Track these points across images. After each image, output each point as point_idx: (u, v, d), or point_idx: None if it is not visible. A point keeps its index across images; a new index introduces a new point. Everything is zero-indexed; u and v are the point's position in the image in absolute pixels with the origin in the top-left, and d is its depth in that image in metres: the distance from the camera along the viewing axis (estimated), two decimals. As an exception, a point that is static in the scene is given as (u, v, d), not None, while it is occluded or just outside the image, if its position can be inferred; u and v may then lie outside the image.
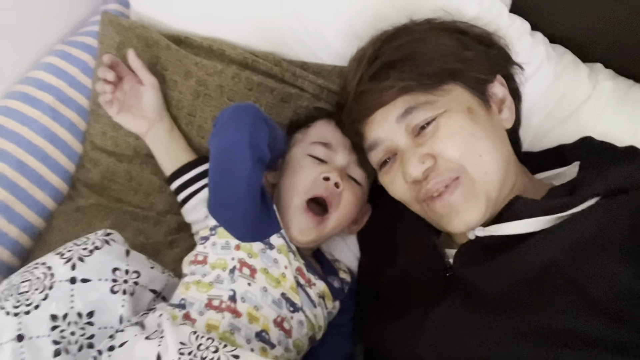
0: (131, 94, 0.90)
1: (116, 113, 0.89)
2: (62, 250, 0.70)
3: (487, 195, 0.65)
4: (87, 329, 0.67)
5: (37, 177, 0.91)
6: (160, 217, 0.94)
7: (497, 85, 0.73)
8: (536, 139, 0.85)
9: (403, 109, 0.69)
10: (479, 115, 0.69)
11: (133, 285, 0.71)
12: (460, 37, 0.74)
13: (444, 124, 0.66)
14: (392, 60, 0.70)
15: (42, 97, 0.94)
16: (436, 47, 0.71)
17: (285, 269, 0.73)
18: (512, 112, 0.73)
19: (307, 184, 0.77)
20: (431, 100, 0.68)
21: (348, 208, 0.78)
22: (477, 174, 0.65)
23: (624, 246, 0.53)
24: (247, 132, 0.68)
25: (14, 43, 0.98)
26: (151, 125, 0.90)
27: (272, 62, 0.95)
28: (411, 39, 0.72)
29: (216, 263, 0.72)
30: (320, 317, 0.76)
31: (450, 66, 0.70)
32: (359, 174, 0.80)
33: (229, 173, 0.71)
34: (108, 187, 0.96)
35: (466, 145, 0.66)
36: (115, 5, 1.11)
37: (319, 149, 0.80)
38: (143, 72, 0.90)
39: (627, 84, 0.86)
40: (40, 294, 0.66)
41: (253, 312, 0.69)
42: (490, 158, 0.66)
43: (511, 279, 0.59)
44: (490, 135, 0.67)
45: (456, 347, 0.62)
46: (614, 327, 0.52)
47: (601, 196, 0.59)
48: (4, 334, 0.63)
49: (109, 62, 0.87)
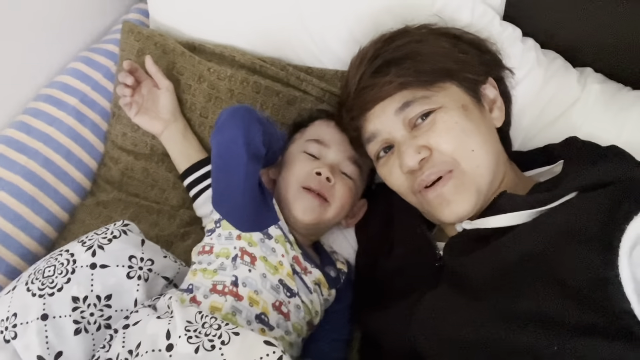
0: (148, 97, 0.96)
1: (134, 115, 0.95)
2: (84, 239, 0.75)
3: (477, 188, 0.69)
4: (105, 311, 0.72)
5: (62, 173, 0.97)
6: (174, 211, 0.99)
7: (489, 87, 0.76)
8: (526, 139, 0.88)
9: (401, 103, 0.72)
10: (473, 113, 0.72)
11: (147, 272, 0.75)
12: (455, 41, 0.77)
13: (441, 119, 0.70)
14: (393, 58, 0.74)
15: (67, 100, 1.00)
16: (434, 48, 0.75)
17: (282, 257, 0.77)
18: (502, 112, 0.77)
19: (300, 178, 0.81)
20: (428, 95, 0.71)
21: (343, 199, 0.82)
22: (469, 167, 0.68)
23: (595, 236, 0.56)
24: (241, 130, 0.73)
25: (43, 50, 1.04)
26: (166, 126, 0.96)
27: (278, 67, 1.00)
28: (410, 40, 0.75)
29: (220, 252, 0.77)
30: (316, 303, 0.79)
31: (446, 66, 0.73)
32: (351, 169, 0.84)
33: (227, 168, 0.75)
34: (127, 183, 1.02)
35: (460, 140, 0.69)
36: (136, 14, 1.18)
37: (312, 146, 0.85)
38: (159, 76, 0.96)
39: (616, 87, 0.88)
40: (63, 277, 0.71)
41: (253, 296, 0.73)
42: (481, 152, 0.69)
43: (493, 268, 0.63)
44: (482, 132, 0.71)
45: (444, 330, 0.65)
46: (584, 311, 0.54)
47: (579, 191, 0.62)
48: (30, 313, 0.68)
49: (129, 68, 0.93)
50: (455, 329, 0.64)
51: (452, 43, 0.77)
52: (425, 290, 0.70)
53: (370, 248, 0.87)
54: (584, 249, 0.56)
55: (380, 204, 0.89)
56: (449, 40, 0.77)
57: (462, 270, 0.67)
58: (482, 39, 0.82)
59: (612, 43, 0.88)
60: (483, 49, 0.80)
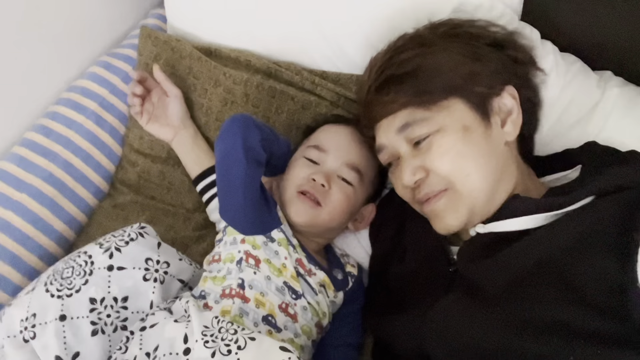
0: (159, 105, 0.98)
1: (146, 123, 0.97)
2: (102, 241, 0.77)
3: (469, 208, 0.69)
4: (121, 312, 0.73)
5: (81, 176, 0.98)
6: (190, 214, 1.00)
7: (506, 97, 0.72)
8: (543, 144, 0.86)
9: (401, 124, 0.72)
10: (475, 134, 0.70)
11: (163, 275, 0.76)
12: (473, 44, 0.74)
13: (436, 143, 0.69)
14: (396, 74, 0.73)
15: (87, 104, 1.01)
16: (441, 61, 0.72)
17: (285, 260, 0.78)
18: (515, 126, 0.72)
19: (296, 182, 0.83)
20: (427, 117, 0.70)
21: (338, 204, 0.82)
22: (463, 189, 0.69)
23: (613, 242, 0.55)
24: (239, 136, 0.74)
25: (63, 55, 1.05)
26: (176, 133, 0.97)
27: (293, 71, 1.00)
28: (418, 53, 0.73)
29: (226, 258, 0.78)
30: (323, 304, 0.80)
31: (451, 82, 0.71)
32: (350, 175, 0.84)
33: (228, 174, 0.76)
34: (144, 186, 1.03)
35: (455, 165, 0.68)
36: (154, 20, 1.19)
37: (312, 152, 0.86)
38: (167, 84, 0.98)
39: (636, 91, 0.86)
40: (81, 279, 0.72)
41: (260, 298, 0.74)
42: (477, 177, 0.68)
43: (507, 274, 0.62)
44: (482, 154, 0.69)
45: (457, 338, 0.65)
46: (601, 319, 0.53)
47: (596, 195, 0.61)
48: (48, 313, 0.70)
49: (138, 78, 0.96)
50: (468, 337, 0.63)
51: (467, 48, 0.73)
52: (438, 296, 0.70)
53: (384, 252, 0.87)
54: (600, 255, 0.55)
55: (394, 208, 0.89)
56: (464, 45, 0.73)
57: (476, 276, 0.66)
58: (511, 33, 0.77)
59: (632, 46, 0.86)
60: (509, 47, 0.76)
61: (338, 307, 0.85)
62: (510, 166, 0.72)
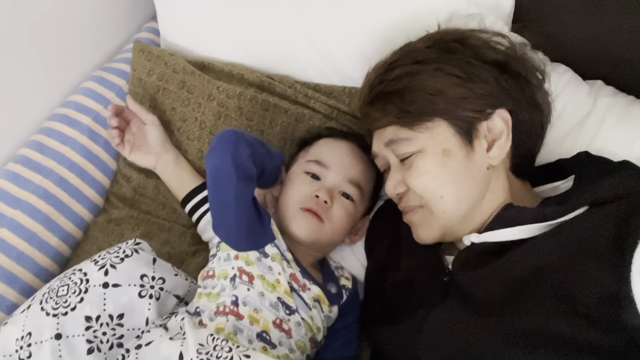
0: (139, 134, 0.99)
1: (129, 153, 0.98)
2: (97, 258, 0.77)
3: (442, 226, 0.72)
4: (117, 330, 0.72)
5: (76, 191, 0.98)
6: (185, 229, 1.00)
7: (497, 120, 0.70)
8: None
9: (387, 139, 0.75)
10: (454, 158, 0.70)
11: (159, 291, 0.76)
12: (471, 62, 0.71)
13: (415, 164, 0.71)
14: (383, 92, 0.75)
15: (81, 119, 1.01)
16: (429, 84, 0.71)
17: (279, 275, 0.77)
18: (502, 150, 0.71)
19: (299, 199, 0.83)
20: (410, 137, 0.72)
21: (339, 221, 0.83)
22: (436, 211, 0.71)
23: (607, 253, 0.55)
24: (229, 151, 0.73)
25: (56, 70, 1.06)
26: (158, 159, 0.98)
27: (286, 84, 1.01)
28: (408, 72, 0.73)
29: (220, 274, 0.78)
30: (317, 319, 0.79)
31: (437, 106, 0.70)
32: (351, 190, 0.85)
33: (219, 191, 0.76)
34: (138, 200, 1.03)
35: (429, 187, 0.71)
36: (147, 33, 1.20)
37: (313, 167, 0.86)
38: (142, 113, 0.99)
39: (628, 100, 0.87)
40: (76, 297, 0.72)
41: (253, 315, 0.74)
42: (451, 200, 0.70)
43: (502, 283, 0.62)
44: (458, 179, 0.70)
45: (451, 347, 0.65)
46: (595, 330, 0.54)
47: (590, 205, 0.62)
48: (44, 332, 0.70)
49: (114, 110, 0.97)
50: (463, 346, 0.63)
51: (462, 67, 0.70)
52: (433, 305, 0.70)
53: (380, 264, 0.87)
54: (594, 265, 0.56)
55: (388, 219, 0.89)
56: (460, 63, 0.71)
57: (471, 286, 0.67)
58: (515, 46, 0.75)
59: (622, 56, 0.87)
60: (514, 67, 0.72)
61: (333, 321, 0.84)
62: (497, 183, 0.72)
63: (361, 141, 0.91)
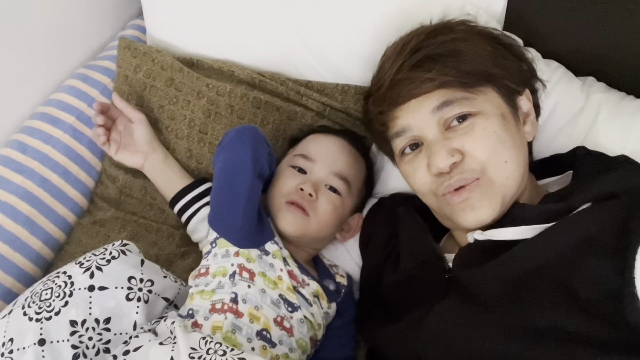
0: (125, 132, 0.97)
1: (115, 153, 0.96)
2: (82, 260, 0.74)
3: (503, 198, 0.67)
4: (103, 335, 0.70)
5: (59, 192, 0.96)
6: (173, 230, 0.97)
7: (524, 99, 0.74)
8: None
9: (440, 102, 0.69)
10: (510, 123, 0.70)
11: (147, 293, 0.74)
12: (496, 44, 0.75)
13: (480, 125, 0.68)
14: (436, 54, 0.71)
15: (64, 118, 0.99)
16: (478, 49, 0.72)
17: (280, 272, 0.77)
18: (534, 127, 0.75)
19: (285, 192, 0.83)
20: (469, 97, 0.69)
21: (326, 214, 0.82)
22: (498, 177, 0.67)
23: (609, 248, 0.55)
24: (250, 148, 0.74)
25: (38, 67, 1.03)
26: (146, 158, 0.96)
27: (278, 81, 0.99)
28: (455, 37, 0.72)
29: (217, 271, 0.76)
30: (317, 316, 0.79)
31: (489, 70, 0.70)
32: (338, 184, 0.84)
33: (231, 184, 0.76)
34: (125, 201, 1.01)
35: (496, 150, 0.67)
36: (133, 30, 1.18)
37: (300, 161, 0.86)
38: (129, 110, 0.96)
39: (619, 95, 0.88)
40: (60, 300, 0.70)
41: (254, 312, 0.73)
42: (513, 165, 0.68)
43: (504, 280, 0.62)
44: (516, 145, 0.69)
45: (454, 344, 0.64)
46: (598, 325, 0.54)
47: (592, 202, 0.61)
48: (26, 338, 0.67)
49: (99, 108, 0.94)
50: (465, 343, 0.63)
51: (494, 46, 0.74)
52: (434, 303, 0.69)
53: (376, 262, 0.86)
54: (597, 261, 0.55)
55: (384, 217, 0.88)
56: (491, 43, 0.74)
57: (473, 283, 0.66)
58: (519, 45, 0.79)
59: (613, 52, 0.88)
60: (521, 56, 0.77)
61: (331, 319, 0.84)
62: (527, 165, 0.73)
63: (352, 137, 0.91)
